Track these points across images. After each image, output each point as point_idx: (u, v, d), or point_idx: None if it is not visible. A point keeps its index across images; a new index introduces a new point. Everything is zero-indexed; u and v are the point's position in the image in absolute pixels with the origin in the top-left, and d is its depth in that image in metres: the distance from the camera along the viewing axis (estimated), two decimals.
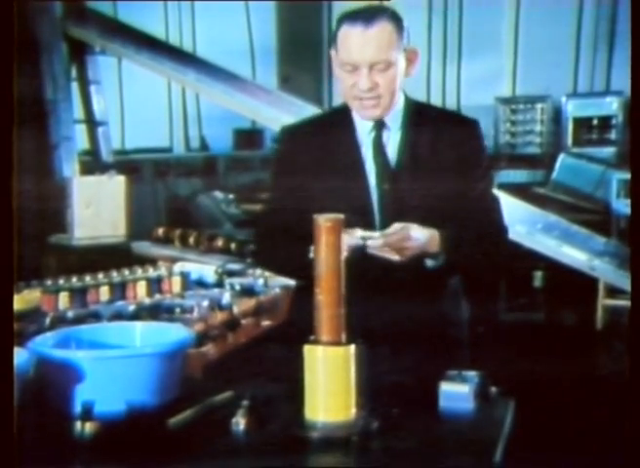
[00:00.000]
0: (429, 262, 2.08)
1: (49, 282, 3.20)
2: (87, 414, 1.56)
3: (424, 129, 2.17)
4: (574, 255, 6.16)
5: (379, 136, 2.17)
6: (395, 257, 2.00)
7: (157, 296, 3.11)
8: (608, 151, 8.46)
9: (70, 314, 2.77)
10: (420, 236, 2.01)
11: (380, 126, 2.16)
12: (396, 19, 2.08)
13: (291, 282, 3.39)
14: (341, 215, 1.64)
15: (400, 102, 2.19)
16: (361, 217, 2.05)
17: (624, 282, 5.81)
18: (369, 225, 2.08)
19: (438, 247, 2.05)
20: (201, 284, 3.40)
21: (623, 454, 1.53)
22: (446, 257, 2.07)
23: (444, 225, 2.07)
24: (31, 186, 5.83)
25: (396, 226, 2.00)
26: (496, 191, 2.31)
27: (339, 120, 2.21)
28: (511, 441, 1.65)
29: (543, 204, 6.85)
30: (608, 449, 2.76)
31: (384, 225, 2.08)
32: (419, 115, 2.20)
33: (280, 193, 2.27)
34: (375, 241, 1.98)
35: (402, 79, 2.13)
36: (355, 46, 2.05)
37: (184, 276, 3.26)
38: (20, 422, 1.46)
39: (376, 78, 2.07)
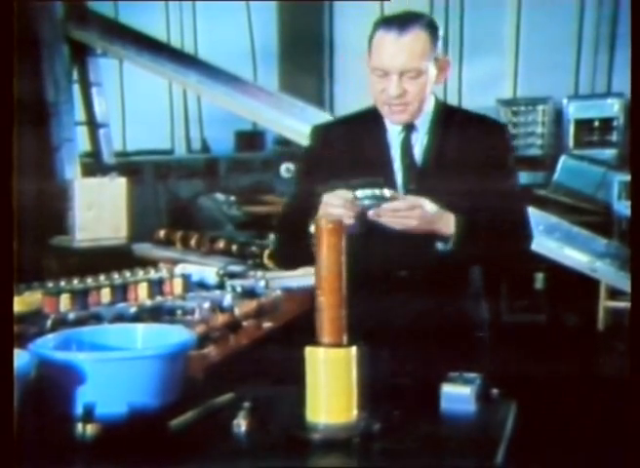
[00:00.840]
0: (440, 245, 2.08)
1: (50, 284, 3.20)
2: (88, 416, 1.55)
3: (452, 131, 2.20)
4: (575, 257, 6.15)
5: (407, 138, 2.20)
6: (400, 226, 1.99)
7: (158, 298, 3.11)
8: (609, 153, 8.45)
9: (71, 316, 2.77)
10: (431, 210, 2.01)
11: (409, 128, 2.19)
12: (432, 28, 2.10)
13: (293, 284, 3.40)
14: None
15: (430, 105, 2.21)
16: None
17: (626, 283, 5.80)
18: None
19: (451, 229, 2.05)
20: (202, 286, 3.40)
21: (624, 455, 1.53)
22: (457, 241, 2.06)
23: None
24: (32, 188, 5.82)
25: (409, 197, 2.02)
26: (525, 197, 2.31)
27: (370, 120, 2.24)
28: (513, 442, 1.65)
29: (545, 206, 6.84)
30: (609, 451, 2.76)
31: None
32: (447, 118, 2.23)
33: (306, 189, 2.28)
34: (382, 204, 1.97)
35: (432, 86, 2.15)
36: (387, 52, 2.07)
37: (186, 278, 3.26)
38: (21, 424, 1.47)
39: (405, 85, 2.09)
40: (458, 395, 1.71)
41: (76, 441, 1.54)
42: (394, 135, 2.20)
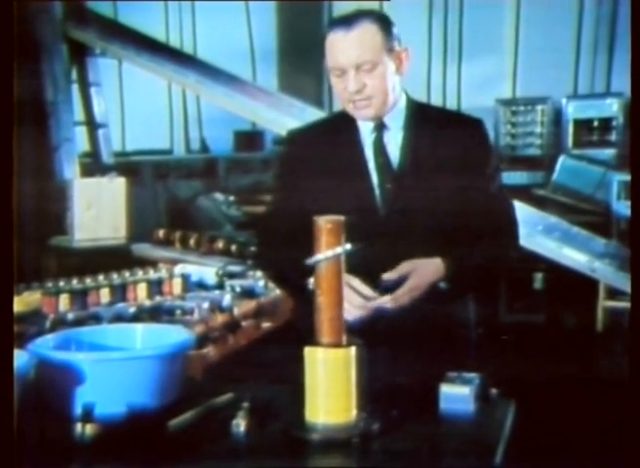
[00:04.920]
0: (442, 285, 2.10)
1: (49, 284, 3.20)
2: (87, 416, 1.55)
3: (426, 129, 2.18)
4: (574, 257, 6.15)
5: (379, 137, 2.19)
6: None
7: (158, 298, 3.11)
8: (608, 153, 8.43)
9: (71, 316, 2.78)
10: (425, 277, 2.04)
11: (380, 127, 2.18)
12: (381, 21, 2.11)
13: None
14: (342, 217, 1.64)
15: (402, 103, 2.21)
16: (365, 218, 2.06)
17: (625, 283, 5.80)
18: (372, 226, 2.09)
19: (444, 274, 2.07)
20: (201, 286, 3.40)
21: (624, 456, 1.53)
22: (453, 282, 2.09)
23: (448, 228, 2.08)
24: (32, 188, 5.83)
25: (407, 284, 2.02)
26: (507, 195, 2.29)
27: (342, 122, 2.24)
28: (512, 443, 1.65)
29: (544, 205, 6.84)
30: (608, 452, 2.76)
31: (388, 226, 2.11)
32: (420, 115, 2.21)
33: (284, 195, 2.28)
34: (388, 303, 2.01)
35: (394, 79, 2.15)
36: (338, 50, 2.10)
37: (185, 278, 3.27)
38: (21, 424, 1.46)
39: (363, 79, 2.10)
40: (456, 395, 1.71)
41: (75, 441, 1.54)
42: (366, 134, 2.20)
